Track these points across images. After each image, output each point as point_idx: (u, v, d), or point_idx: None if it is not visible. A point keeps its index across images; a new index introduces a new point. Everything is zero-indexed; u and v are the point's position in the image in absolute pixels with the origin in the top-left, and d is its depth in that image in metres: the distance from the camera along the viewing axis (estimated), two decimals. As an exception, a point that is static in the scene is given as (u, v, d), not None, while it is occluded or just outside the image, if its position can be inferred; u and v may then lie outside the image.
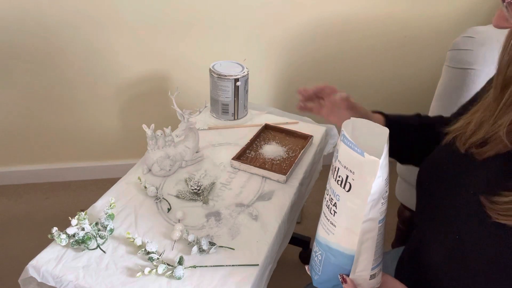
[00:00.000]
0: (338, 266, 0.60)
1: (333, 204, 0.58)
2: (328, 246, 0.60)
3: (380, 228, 0.58)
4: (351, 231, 0.57)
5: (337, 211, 0.58)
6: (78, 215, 0.80)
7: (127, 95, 1.72)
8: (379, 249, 0.60)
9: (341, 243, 0.59)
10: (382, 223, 0.58)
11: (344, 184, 0.56)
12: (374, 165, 0.52)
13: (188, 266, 0.75)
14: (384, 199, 0.57)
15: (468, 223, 0.57)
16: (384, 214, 0.58)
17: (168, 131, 0.97)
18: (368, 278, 0.60)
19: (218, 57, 1.31)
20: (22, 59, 1.57)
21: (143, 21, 1.55)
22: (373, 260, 0.59)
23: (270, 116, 1.29)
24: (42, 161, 1.84)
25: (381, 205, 0.56)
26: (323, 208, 0.61)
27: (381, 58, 1.81)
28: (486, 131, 0.59)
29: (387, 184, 0.56)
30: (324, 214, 0.61)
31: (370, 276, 0.60)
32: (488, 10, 1.75)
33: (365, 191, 0.54)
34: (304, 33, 1.69)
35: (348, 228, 0.57)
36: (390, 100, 1.93)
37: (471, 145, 0.62)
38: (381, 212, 0.57)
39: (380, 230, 0.58)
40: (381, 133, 0.57)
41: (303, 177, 1.03)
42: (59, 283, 0.72)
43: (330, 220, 0.59)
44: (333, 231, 0.59)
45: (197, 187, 0.94)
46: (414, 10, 1.70)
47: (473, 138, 0.61)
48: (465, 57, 1.27)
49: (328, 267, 0.61)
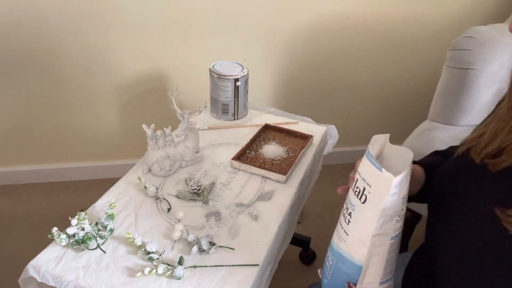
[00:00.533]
0: (347, 274, 0.61)
1: (348, 213, 0.60)
2: (340, 253, 0.62)
3: (393, 244, 0.59)
4: (362, 242, 0.58)
5: (351, 221, 0.59)
6: (78, 215, 0.80)
7: (127, 95, 1.72)
8: (390, 265, 0.60)
9: (352, 252, 0.60)
10: (395, 240, 0.59)
11: (361, 195, 0.57)
12: (389, 182, 0.54)
13: (188, 266, 0.75)
14: (400, 217, 0.58)
15: (483, 235, 0.56)
16: (398, 231, 0.59)
17: (168, 131, 0.97)
18: None
19: (218, 57, 1.31)
20: (22, 59, 1.57)
21: (143, 21, 1.55)
22: (382, 274, 0.59)
23: (270, 116, 1.29)
24: (42, 161, 1.84)
25: (395, 222, 0.57)
26: (340, 216, 0.63)
27: (381, 58, 1.81)
28: (501, 141, 0.58)
29: (404, 203, 0.57)
30: (340, 221, 0.62)
31: None
32: (488, 10, 1.75)
33: (379, 205, 0.55)
34: (304, 33, 1.69)
35: (359, 239, 0.58)
36: (390, 100, 1.93)
37: (485, 155, 0.61)
38: (394, 229, 0.58)
39: (392, 247, 0.59)
40: (406, 156, 0.59)
41: (303, 177, 1.03)
42: (59, 283, 0.72)
43: (344, 229, 0.61)
44: (346, 240, 0.60)
45: (197, 187, 0.94)
46: (414, 10, 1.69)
47: (487, 148, 0.60)
48: (465, 57, 1.27)
49: (338, 273, 0.62)
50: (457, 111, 1.33)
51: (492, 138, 0.60)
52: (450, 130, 1.34)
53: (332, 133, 1.25)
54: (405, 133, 1.43)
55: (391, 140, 0.63)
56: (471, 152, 0.64)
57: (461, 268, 0.59)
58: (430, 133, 1.34)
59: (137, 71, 1.67)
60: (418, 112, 1.73)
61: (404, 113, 1.96)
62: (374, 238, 0.57)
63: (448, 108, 1.35)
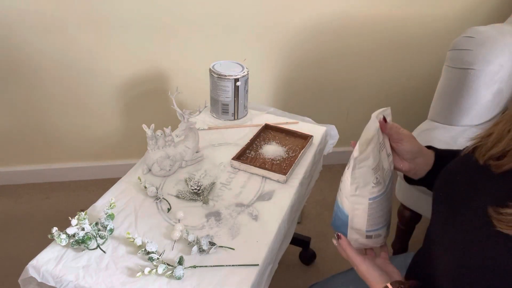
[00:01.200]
0: (341, 220, 0.73)
1: (344, 171, 0.71)
2: (337, 202, 0.74)
3: (372, 204, 0.69)
4: (347, 199, 0.70)
5: (343, 180, 0.71)
6: (78, 215, 0.80)
7: (127, 95, 1.72)
8: (374, 218, 0.70)
9: (343, 204, 0.72)
10: (375, 200, 0.69)
11: (349, 161, 0.69)
12: (354, 155, 0.66)
13: (188, 266, 0.75)
14: (376, 184, 0.67)
15: (477, 235, 0.56)
16: (377, 193, 0.68)
17: (168, 131, 0.97)
18: (364, 237, 0.72)
19: (218, 57, 1.31)
20: (22, 58, 1.57)
21: (143, 21, 1.55)
22: (367, 226, 0.71)
23: (270, 116, 1.29)
24: (42, 161, 1.84)
25: (371, 187, 0.67)
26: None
27: (381, 58, 1.81)
28: (506, 144, 0.58)
29: (377, 172, 0.67)
30: (342, 175, 0.73)
31: (366, 236, 0.72)
32: (488, 10, 1.75)
33: (351, 173, 0.67)
34: (304, 33, 1.69)
35: (345, 196, 0.70)
36: (390, 100, 1.93)
37: (490, 157, 0.60)
38: (371, 192, 0.68)
39: (372, 205, 0.69)
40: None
41: (303, 177, 1.03)
42: (59, 283, 0.72)
43: (340, 185, 0.72)
44: (339, 194, 0.73)
45: (197, 187, 0.94)
46: (414, 10, 1.69)
47: (492, 150, 0.60)
48: (465, 57, 1.27)
49: (336, 219, 0.75)
50: (457, 111, 1.33)
51: (498, 140, 0.60)
52: (450, 130, 1.34)
53: (332, 133, 1.25)
54: (405, 133, 1.43)
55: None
56: (476, 152, 0.64)
57: (456, 266, 0.59)
58: (430, 133, 1.34)
59: (137, 71, 1.67)
60: (418, 112, 1.74)
61: (404, 113, 1.96)
62: (352, 198, 0.69)
63: (448, 108, 1.35)
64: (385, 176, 0.70)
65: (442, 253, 0.63)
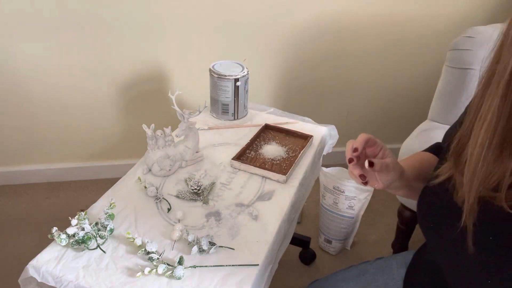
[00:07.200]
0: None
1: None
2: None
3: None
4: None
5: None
6: (78, 215, 0.80)
7: (127, 95, 1.72)
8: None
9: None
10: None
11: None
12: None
13: (188, 266, 0.75)
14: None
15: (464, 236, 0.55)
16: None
17: (168, 131, 0.97)
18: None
19: (218, 57, 1.31)
20: (23, 58, 1.57)
21: (143, 21, 1.55)
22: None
23: (270, 116, 1.29)
24: (42, 161, 1.84)
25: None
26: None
27: (381, 58, 1.81)
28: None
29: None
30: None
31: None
32: (488, 10, 1.75)
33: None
34: (304, 33, 1.69)
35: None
36: (390, 100, 1.93)
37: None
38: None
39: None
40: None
41: (303, 177, 1.03)
42: (59, 283, 0.72)
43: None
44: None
45: (197, 187, 0.94)
46: (414, 10, 1.69)
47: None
48: (465, 57, 1.27)
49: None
50: (457, 111, 1.33)
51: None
52: (450, 130, 1.34)
53: (332, 133, 1.25)
54: (405, 133, 1.43)
55: (391, 140, 0.62)
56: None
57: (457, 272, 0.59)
58: (430, 133, 1.34)
59: (137, 71, 1.67)
60: (418, 112, 1.73)
61: (404, 113, 1.96)
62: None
63: (448, 108, 1.35)
64: None
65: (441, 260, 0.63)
